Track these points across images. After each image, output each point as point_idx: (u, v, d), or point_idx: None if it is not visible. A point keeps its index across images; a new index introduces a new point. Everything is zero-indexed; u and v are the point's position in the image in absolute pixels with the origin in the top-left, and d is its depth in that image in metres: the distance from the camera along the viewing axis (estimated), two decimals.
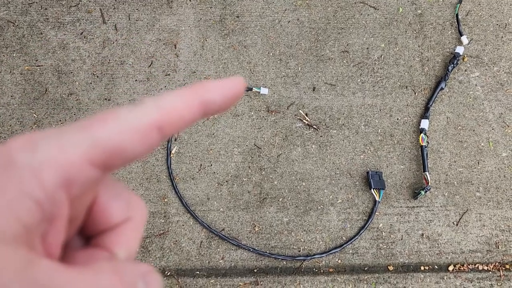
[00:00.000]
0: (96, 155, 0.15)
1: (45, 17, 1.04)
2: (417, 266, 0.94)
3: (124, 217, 0.18)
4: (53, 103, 1.00)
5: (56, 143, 0.15)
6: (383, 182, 0.96)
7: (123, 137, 0.16)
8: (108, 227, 0.18)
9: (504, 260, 0.95)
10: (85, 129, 0.16)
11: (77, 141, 0.15)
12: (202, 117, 0.18)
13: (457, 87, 1.03)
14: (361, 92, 1.03)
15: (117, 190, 0.19)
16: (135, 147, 0.16)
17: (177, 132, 0.18)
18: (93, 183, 0.16)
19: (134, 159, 0.17)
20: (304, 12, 1.07)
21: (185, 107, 0.17)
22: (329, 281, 0.92)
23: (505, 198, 0.98)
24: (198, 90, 0.18)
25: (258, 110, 1.01)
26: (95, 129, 0.16)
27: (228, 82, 0.19)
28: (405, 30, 1.06)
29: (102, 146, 0.16)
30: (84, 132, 0.16)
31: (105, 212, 0.18)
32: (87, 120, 0.16)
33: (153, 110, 0.17)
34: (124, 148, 0.16)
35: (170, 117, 0.17)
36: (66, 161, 0.15)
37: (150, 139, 0.16)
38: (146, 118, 0.16)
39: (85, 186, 0.16)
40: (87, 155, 0.15)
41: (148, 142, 0.16)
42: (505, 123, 1.02)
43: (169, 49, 1.03)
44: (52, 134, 0.16)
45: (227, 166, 0.98)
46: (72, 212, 0.16)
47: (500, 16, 1.08)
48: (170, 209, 0.95)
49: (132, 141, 0.16)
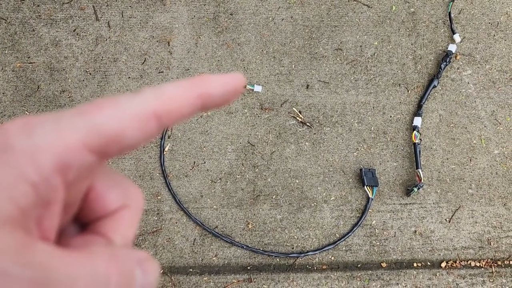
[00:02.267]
0: (93, 141, 0.15)
1: (37, 14, 1.03)
2: (410, 262, 0.95)
3: (121, 204, 0.18)
4: (46, 100, 0.99)
5: (53, 127, 0.15)
6: (376, 179, 0.96)
7: (122, 124, 0.16)
8: (104, 214, 0.18)
9: (496, 256, 0.96)
10: (83, 114, 0.16)
11: (74, 125, 0.15)
12: (201, 110, 0.18)
13: (449, 85, 1.04)
14: (355, 90, 1.03)
15: (114, 178, 0.19)
16: (133, 134, 0.16)
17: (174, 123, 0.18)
18: (90, 169, 0.16)
19: (131, 147, 0.16)
20: (297, 10, 1.07)
21: (185, 98, 0.17)
22: (323, 278, 0.93)
23: (497, 195, 0.99)
24: (199, 82, 0.18)
25: (252, 108, 1.01)
26: (94, 114, 0.16)
27: (228, 77, 0.19)
28: (398, 28, 1.07)
29: (99, 131, 0.15)
30: (82, 117, 0.15)
31: (101, 199, 0.18)
32: (85, 105, 0.16)
33: (152, 98, 0.17)
34: (122, 134, 0.16)
35: (169, 107, 0.17)
36: (63, 146, 0.15)
37: (148, 127, 0.16)
38: (145, 106, 0.16)
39: (81, 171, 0.16)
40: (84, 140, 0.15)
41: (146, 130, 0.16)
42: (497, 120, 1.02)
43: (163, 46, 1.03)
44: (49, 118, 0.15)
45: (220, 163, 0.98)
46: (67, 198, 0.16)
47: (492, 15, 1.08)
48: (163, 207, 0.95)
49: (130, 128, 0.16)
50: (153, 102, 0.16)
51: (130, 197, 0.19)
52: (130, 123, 0.16)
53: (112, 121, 0.16)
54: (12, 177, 0.14)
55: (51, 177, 0.15)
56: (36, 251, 0.13)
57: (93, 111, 0.16)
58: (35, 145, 0.15)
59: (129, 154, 0.98)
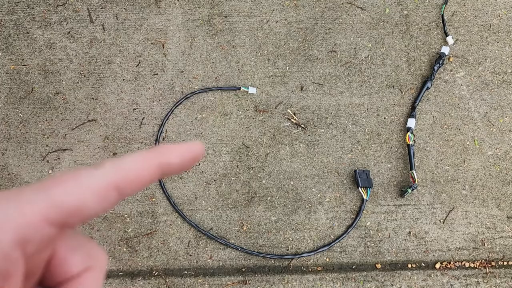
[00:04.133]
0: (53, 214, 0.16)
1: (31, 16, 1.03)
2: (405, 264, 0.95)
3: (84, 267, 0.19)
4: (40, 103, 0.99)
5: (14, 203, 0.16)
6: (371, 180, 0.96)
7: (82, 198, 0.16)
8: (68, 278, 0.18)
9: (490, 257, 0.96)
10: (44, 189, 0.16)
11: (34, 200, 0.16)
12: (161, 177, 0.19)
13: (443, 87, 1.05)
14: (349, 92, 1.03)
15: (76, 241, 0.19)
16: (93, 206, 0.17)
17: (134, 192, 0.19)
18: (50, 239, 0.17)
19: (93, 217, 0.17)
20: (292, 12, 1.07)
21: (143, 169, 0.18)
22: (317, 279, 0.93)
23: (491, 196, 0.99)
24: (158, 153, 0.19)
25: (246, 110, 1.01)
26: (54, 189, 0.16)
27: (188, 146, 0.20)
28: (391, 31, 1.08)
29: (59, 205, 0.16)
30: (43, 192, 0.16)
31: (64, 264, 0.18)
32: (46, 180, 0.17)
33: (111, 171, 0.17)
34: (82, 208, 0.16)
35: (128, 178, 0.18)
36: (23, 221, 0.15)
37: (108, 199, 0.17)
38: (104, 179, 0.17)
39: (41, 243, 0.16)
40: (44, 214, 0.16)
41: (106, 202, 0.17)
42: (490, 122, 1.03)
43: (157, 48, 1.03)
44: (11, 193, 0.16)
45: (215, 165, 0.98)
46: (29, 268, 0.17)
47: (484, 17, 1.09)
48: (157, 209, 0.94)
49: (90, 201, 0.17)
50: (113, 176, 0.17)
51: (94, 258, 0.19)
52: (90, 197, 0.17)
53: (72, 196, 0.16)
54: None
55: (10, 252, 0.15)
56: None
57: (53, 186, 0.16)
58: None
59: None
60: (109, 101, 1.00)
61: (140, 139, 0.98)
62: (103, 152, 0.97)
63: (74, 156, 0.97)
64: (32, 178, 0.95)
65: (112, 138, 0.98)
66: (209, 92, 1.01)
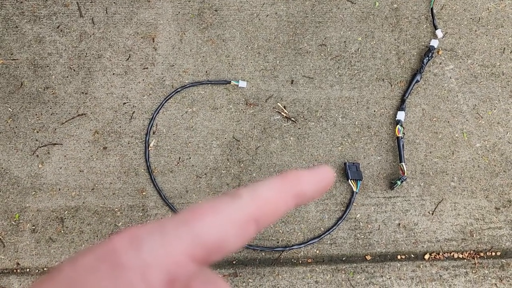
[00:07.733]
0: (198, 252, 0.16)
1: (20, 10, 1.03)
2: (394, 255, 0.96)
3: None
4: (29, 97, 0.99)
5: (159, 241, 0.16)
6: (360, 173, 0.97)
7: (223, 232, 0.16)
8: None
9: (479, 248, 0.97)
10: (185, 224, 0.16)
11: (179, 238, 0.16)
12: (294, 207, 0.19)
13: (432, 80, 1.05)
14: (339, 85, 1.04)
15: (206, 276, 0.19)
16: (234, 241, 0.17)
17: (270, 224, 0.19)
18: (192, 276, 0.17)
19: (230, 252, 0.17)
20: (282, 6, 1.07)
21: (280, 200, 0.18)
22: (308, 271, 0.93)
23: (479, 187, 1.00)
24: (292, 182, 0.18)
25: (237, 103, 1.01)
26: (196, 223, 0.16)
27: (319, 173, 0.19)
28: (381, 24, 1.08)
29: (203, 242, 0.16)
30: (185, 227, 0.16)
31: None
32: (186, 213, 0.17)
33: (250, 203, 0.17)
34: (223, 242, 0.16)
35: (267, 210, 0.17)
36: (171, 260, 0.16)
37: (248, 232, 0.17)
38: (244, 212, 0.17)
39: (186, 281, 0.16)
40: (189, 252, 0.16)
41: (246, 235, 0.17)
42: (479, 114, 1.04)
43: (147, 42, 1.03)
44: (155, 230, 0.16)
45: (205, 158, 0.98)
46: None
47: (473, 10, 1.10)
48: (148, 202, 0.95)
49: (232, 236, 0.17)
50: (251, 208, 0.17)
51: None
52: (232, 231, 0.16)
53: (214, 230, 0.16)
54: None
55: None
56: None
57: (194, 220, 0.16)
58: (144, 262, 0.15)
59: (114, 151, 0.97)
60: (99, 95, 1.00)
61: (131, 133, 0.98)
62: (93, 147, 0.97)
63: (64, 150, 0.97)
64: (21, 172, 0.95)
65: (102, 132, 0.98)
66: (200, 86, 1.01)
